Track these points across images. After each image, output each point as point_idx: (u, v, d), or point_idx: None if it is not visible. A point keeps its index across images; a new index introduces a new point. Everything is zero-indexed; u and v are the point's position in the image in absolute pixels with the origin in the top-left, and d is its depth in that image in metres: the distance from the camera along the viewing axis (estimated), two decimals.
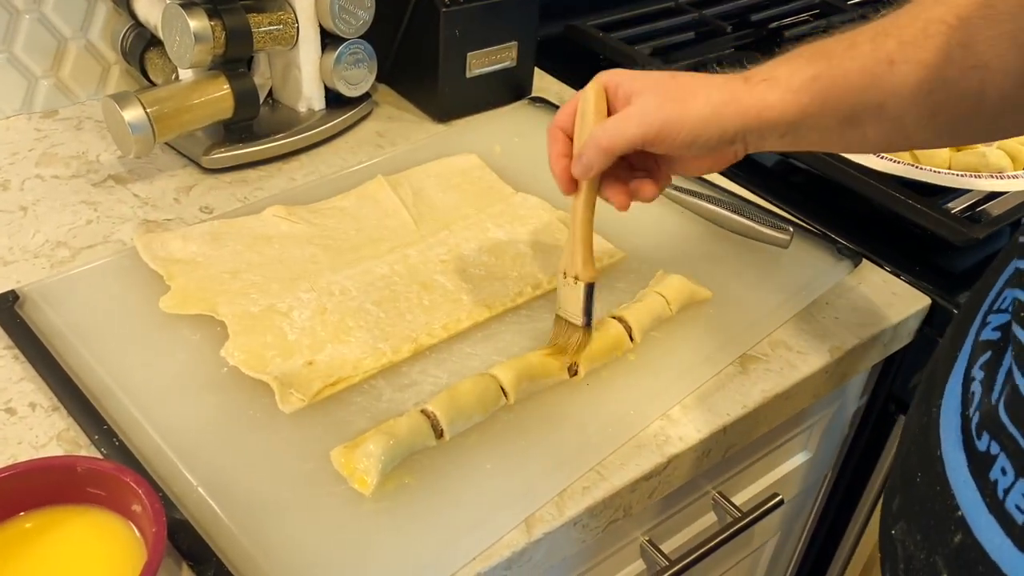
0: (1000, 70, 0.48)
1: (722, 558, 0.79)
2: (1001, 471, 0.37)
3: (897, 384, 0.81)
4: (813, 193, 0.85)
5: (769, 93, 0.53)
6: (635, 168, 0.61)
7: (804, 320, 0.70)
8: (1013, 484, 0.36)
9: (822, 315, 0.71)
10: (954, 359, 0.44)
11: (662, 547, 0.68)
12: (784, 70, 0.54)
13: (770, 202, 0.83)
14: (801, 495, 0.86)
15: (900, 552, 0.44)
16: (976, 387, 0.41)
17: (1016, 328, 0.39)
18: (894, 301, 0.73)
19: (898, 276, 0.76)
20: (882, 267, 0.76)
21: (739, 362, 0.66)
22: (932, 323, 0.75)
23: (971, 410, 0.40)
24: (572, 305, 0.61)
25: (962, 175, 0.80)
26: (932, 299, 0.74)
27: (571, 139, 0.60)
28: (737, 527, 0.69)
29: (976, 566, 0.37)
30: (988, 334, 0.42)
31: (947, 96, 0.50)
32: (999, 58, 0.48)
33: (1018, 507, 0.36)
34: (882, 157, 0.81)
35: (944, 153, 0.82)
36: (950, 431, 0.41)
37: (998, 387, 0.39)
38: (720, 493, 0.72)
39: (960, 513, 0.39)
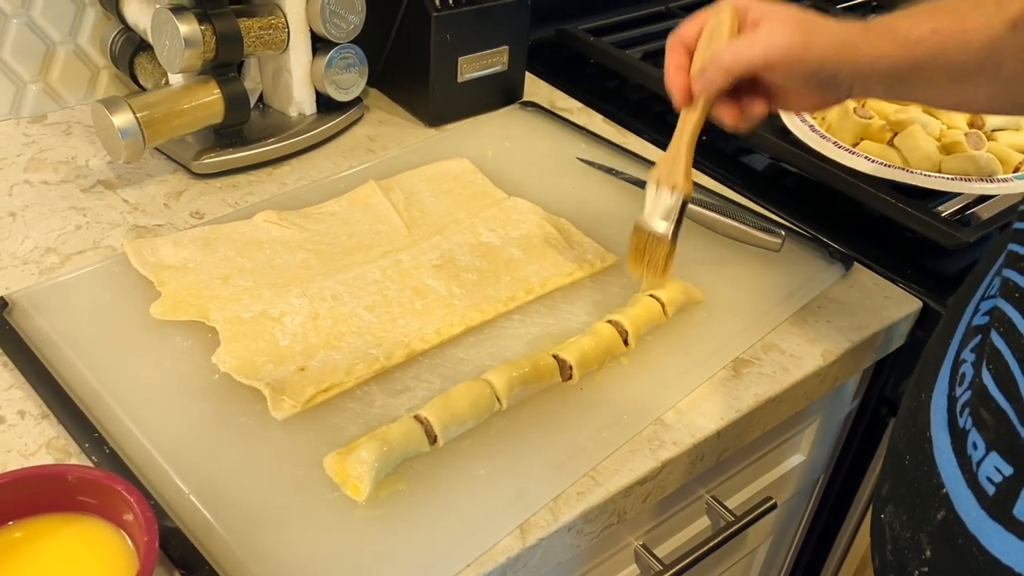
0: None
1: (716, 562, 0.79)
2: (973, 445, 0.38)
3: (889, 387, 0.81)
4: (804, 197, 0.86)
5: (884, 43, 0.54)
6: (744, 89, 0.62)
7: (796, 324, 0.70)
8: (984, 457, 0.37)
9: (814, 319, 0.71)
10: (946, 346, 0.45)
11: (656, 551, 0.68)
12: (905, 23, 0.54)
13: (761, 206, 0.83)
14: (794, 498, 0.87)
15: (888, 534, 0.45)
16: (967, 368, 0.42)
17: (1001, 302, 0.40)
18: (886, 304, 0.73)
19: (889, 279, 0.76)
20: (873, 270, 0.77)
21: (732, 366, 0.66)
22: (924, 326, 0.75)
23: (958, 391, 0.41)
24: (660, 214, 0.62)
25: (952, 178, 0.80)
26: (923, 302, 0.74)
27: (690, 54, 0.62)
28: (731, 531, 0.69)
29: (956, 539, 0.38)
30: (979, 319, 0.43)
31: None
32: None
33: (989, 479, 0.37)
34: (872, 160, 0.81)
35: (934, 156, 0.83)
36: (938, 412, 0.42)
37: (984, 367, 0.40)
38: (713, 497, 0.72)
39: (944, 491, 0.40)
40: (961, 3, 0.53)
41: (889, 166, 0.81)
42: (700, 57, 0.61)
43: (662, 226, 0.62)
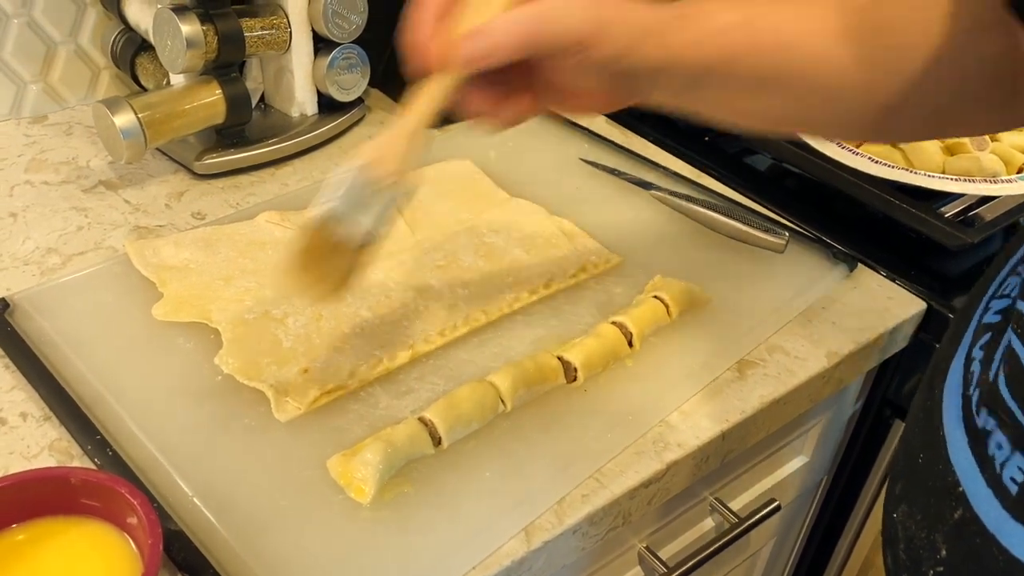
0: (926, 50, 0.46)
1: (719, 564, 0.78)
2: (997, 446, 0.37)
3: (893, 389, 0.81)
4: (807, 197, 0.86)
5: (691, 30, 0.46)
6: (510, 78, 0.48)
7: (800, 325, 0.70)
8: (1009, 458, 0.37)
9: (818, 320, 0.71)
10: (958, 343, 0.44)
11: (659, 554, 0.68)
12: (714, 4, 0.47)
13: (764, 206, 0.83)
14: (797, 500, 0.86)
15: (901, 533, 0.45)
16: (976, 366, 0.41)
17: (1021, 304, 0.39)
18: (890, 306, 0.73)
19: (893, 280, 0.76)
20: (877, 271, 0.76)
21: (736, 367, 0.65)
22: (928, 328, 0.75)
23: (971, 389, 0.41)
24: (360, 207, 0.46)
25: (956, 179, 0.80)
26: (927, 303, 0.74)
27: (447, 4, 0.47)
28: (735, 533, 0.69)
29: (974, 539, 0.38)
30: (990, 318, 0.42)
31: (876, 74, 0.47)
32: (928, 32, 0.46)
33: (1013, 479, 0.36)
34: (876, 161, 0.81)
35: (938, 157, 0.82)
36: (951, 410, 0.42)
37: (995, 363, 0.39)
38: (717, 499, 0.72)
39: (961, 489, 0.39)
40: None
41: (892, 167, 0.81)
42: (469, 19, 0.46)
43: (363, 223, 0.46)
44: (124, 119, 0.74)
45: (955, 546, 0.39)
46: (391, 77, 0.95)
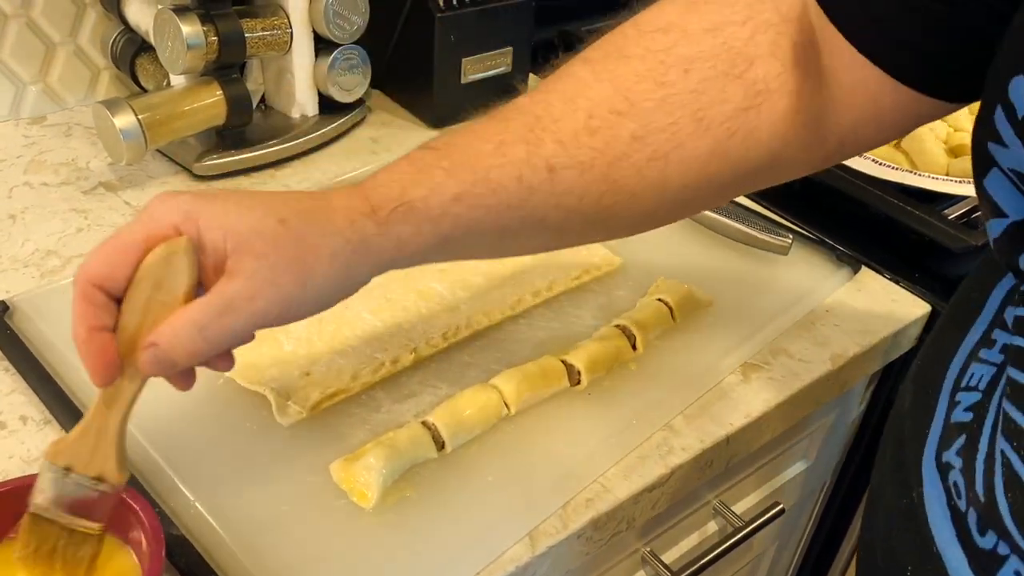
0: (683, 157, 0.43)
1: (721, 567, 0.78)
2: (1015, 574, 0.34)
3: (896, 392, 0.81)
4: (811, 200, 0.85)
5: (404, 227, 0.42)
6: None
7: (805, 328, 0.70)
8: None
9: (822, 322, 0.70)
10: (923, 438, 0.40)
11: (663, 557, 0.68)
12: (420, 190, 0.42)
13: (767, 208, 0.83)
14: (800, 503, 0.86)
15: None
16: (956, 476, 0.38)
17: (1009, 407, 0.35)
18: (894, 308, 0.73)
19: (897, 283, 0.75)
20: (881, 274, 0.76)
21: (741, 371, 0.65)
22: (931, 330, 0.75)
23: (960, 502, 0.37)
24: (74, 506, 0.43)
25: (959, 181, 0.80)
26: (931, 306, 0.73)
27: (113, 304, 0.42)
28: (738, 536, 0.69)
29: None
30: (960, 415, 0.38)
31: (620, 196, 0.44)
32: (682, 144, 0.43)
33: None
34: (880, 163, 0.81)
35: (942, 159, 0.82)
36: (941, 524, 0.38)
37: (978, 475, 0.36)
38: (721, 502, 0.71)
39: None
40: (484, 144, 0.44)
41: (896, 168, 0.80)
42: (137, 314, 0.42)
43: (75, 522, 0.43)
44: (124, 120, 0.74)
45: None
46: (393, 78, 0.94)
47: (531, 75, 0.98)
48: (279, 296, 0.41)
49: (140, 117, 0.75)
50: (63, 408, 0.57)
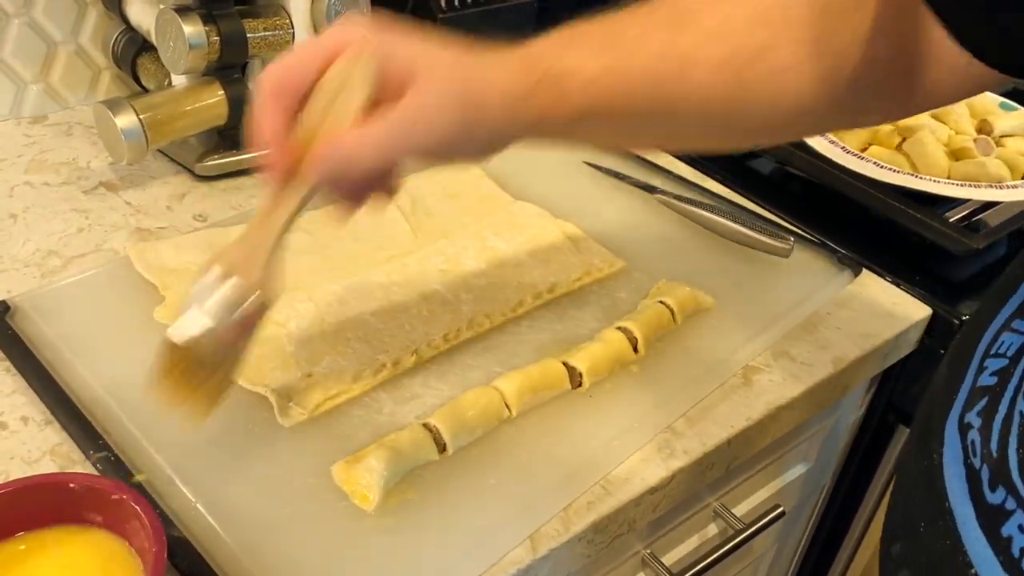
0: (800, 77, 0.46)
1: (721, 569, 0.78)
2: (1018, 528, 0.35)
3: (896, 394, 0.81)
4: (811, 202, 0.85)
5: (551, 92, 0.45)
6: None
7: (806, 330, 0.70)
8: None
9: (823, 325, 0.70)
10: (951, 404, 0.42)
11: (663, 560, 0.68)
12: (570, 61, 0.45)
13: (768, 211, 0.83)
14: (800, 506, 0.86)
15: None
16: (974, 435, 0.39)
17: None
18: (895, 311, 0.73)
19: (898, 286, 0.75)
20: (882, 277, 0.76)
21: (742, 373, 0.65)
22: (932, 333, 0.75)
23: (975, 460, 0.38)
24: (226, 317, 0.44)
25: (961, 184, 0.80)
26: (933, 309, 0.73)
27: (295, 107, 0.43)
28: (739, 539, 0.69)
29: None
30: (985, 380, 0.40)
31: (744, 102, 0.47)
32: (799, 64, 0.46)
33: None
34: (881, 166, 0.81)
35: (943, 162, 0.82)
36: (956, 482, 0.39)
37: (995, 436, 0.37)
38: (722, 504, 0.71)
39: (974, 570, 0.37)
40: (630, 27, 0.46)
41: (898, 171, 0.80)
42: (315, 121, 0.43)
43: (226, 337, 0.44)
44: (126, 120, 0.74)
45: None
46: None
47: None
48: (456, 123, 0.43)
49: (141, 117, 0.75)
50: (64, 409, 0.56)
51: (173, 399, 0.46)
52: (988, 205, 0.81)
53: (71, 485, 0.46)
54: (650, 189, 0.81)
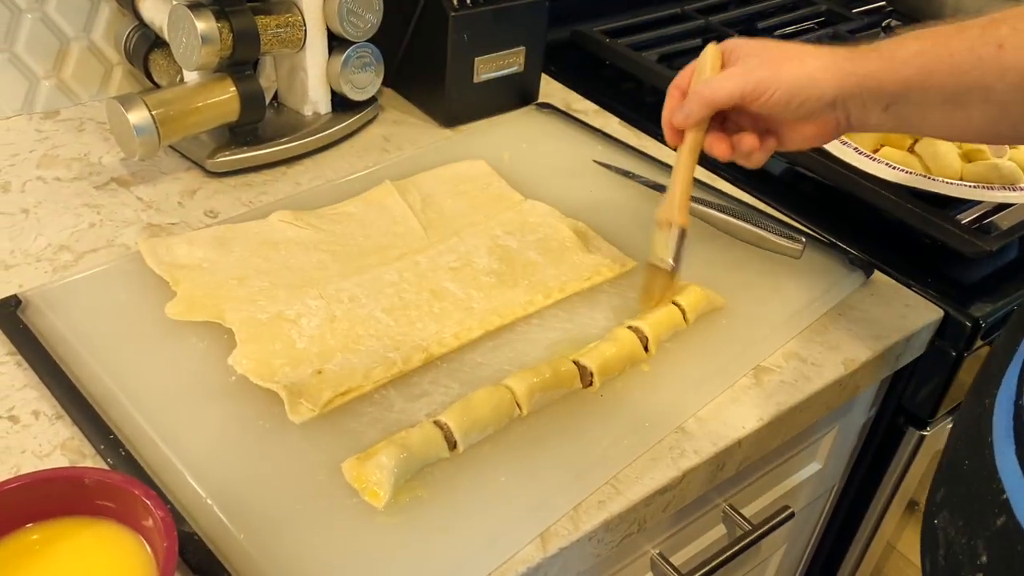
0: None
1: (730, 570, 0.78)
2: None
3: (907, 396, 0.81)
4: (823, 203, 0.85)
5: (870, 62, 0.56)
6: (739, 125, 0.64)
7: (817, 331, 0.69)
8: None
9: (835, 326, 0.70)
10: (1012, 352, 0.45)
11: (672, 560, 0.67)
12: (890, 44, 0.56)
13: (780, 211, 0.82)
14: (809, 507, 0.86)
15: (941, 539, 0.45)
16: None
17: None
18: (907, 313, 0.72)
19: (910, 287, 0.75)
20: (893, 278, 0.76)
21: (753, 374, 0.65)
22: (944, 335, 0.74)
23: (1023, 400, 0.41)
24: (662, 250, 0.64)
25: (973, 186, 0.79)
26: (944, 310, 0.73)
27: (684, 98, 0.63)
28: (748, 540, 0.69)
29: (1016, 546, 0.38)
30: None
31: None
32: None
33: None
34: (894, 167, 0.81)
35: (956, 164, 0.82)
36: (1001, 418, 0.42)
37: None
38: (730, 505, 0.71)
39: (1005, 497, 0.39)
40: (946, 27, 0.54)
41: (910, 173, 0.80)
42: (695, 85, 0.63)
43: (663, 261, 0.64)
44: (138, 116, 0.74)
45: (996, 552, 0.39)
46: (405, 76, 0.94)
47: (543, 75, 0.98)
48: (757, 75, 0.58)
49: (154, 113, 0.75)
50: (75, 403, 0.57)
51: (646, 302, 0.66)
52: (1001, 207, 0.80)
53: (84, 479, 0.46)
54: (660, 188, 0.81)
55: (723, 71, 0.61)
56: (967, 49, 0.52)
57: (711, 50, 0.63)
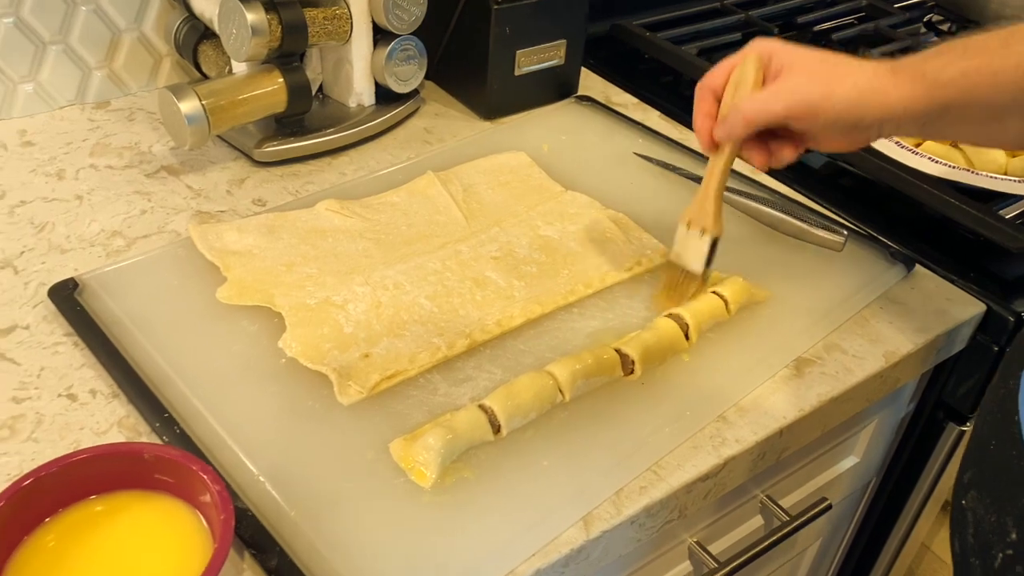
0: None
1: (766, 561, 0.78)
2: None
3: (947, 391, 0.80)
4: (864, 196, 0.85)
5: (916, 86, 0.55)
6: (775, 133, 0.63)
7: (858, 324, 0.69)
8: None
9: (876, 320, 0.70)
10: None
11: (710, 549, 0.68)
12: (935, 63, 0.55)
13: (820, 205, 0.82)
14: (846, 500, 0.86)
15: (970, 518, 0.45)
16: None
17: None
18: (948, 307, 0.72)
19: (952, 282, 0.75)
20: (935, 272, 0.76)
21: (794, 365, 0.65)
22: (986, 330, 0.74)
23: None
24: (692, 255, 0.65)
25: (1018, 181, 0.79)
26: (987, 305, 0.73)
27: (718, 100, 0.63)
28: (785, 531, 0.69)
29: None
30: None
31: None
32: None
33: None
34: (936, 161, 0.80)
35: (1000, 158, 0.81)
36: None
37: None
38: (768, 496, 0.72)
39: None
40: (991, 40, 0.54)
41: (953, 167, 0.80)
42: (725, 106, 0.62)
43: (697, 266, 0.65)
44: (189, 105, 0.76)
45: None
46: (447, 69, 0.95)
47: (583, 69, 0.98)
48: (808, 97, 0.57)
49: (204, 103, 0.76)
50: (131, 383, 0.58)
51: (666, 302, 0.67)
52: None
53: (144, 455, 0.48)
54: (700, 180, 0.81)
55: (767, 87, 0.60)
56: (1013, 66, 0.52)
57: (753, 61, 0.61)
